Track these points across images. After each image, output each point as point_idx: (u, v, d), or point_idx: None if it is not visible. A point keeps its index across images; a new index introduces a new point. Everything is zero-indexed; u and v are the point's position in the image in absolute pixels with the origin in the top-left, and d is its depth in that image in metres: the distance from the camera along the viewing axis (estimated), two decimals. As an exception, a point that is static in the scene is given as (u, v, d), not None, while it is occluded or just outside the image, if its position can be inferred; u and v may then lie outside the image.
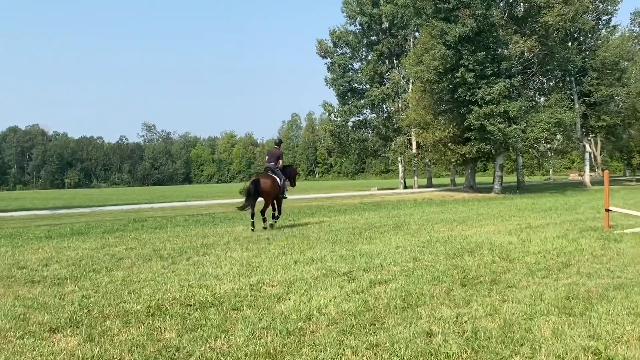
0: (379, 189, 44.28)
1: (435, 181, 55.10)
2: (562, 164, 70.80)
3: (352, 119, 46.57)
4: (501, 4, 31.38)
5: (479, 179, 50.87)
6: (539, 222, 13.16)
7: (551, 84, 37.99)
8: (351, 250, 8.95)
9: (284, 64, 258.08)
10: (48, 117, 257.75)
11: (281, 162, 14.02)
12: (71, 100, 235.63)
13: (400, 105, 43.96)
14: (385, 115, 45.92)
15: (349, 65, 46.09)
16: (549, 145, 36.02)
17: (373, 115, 46.40)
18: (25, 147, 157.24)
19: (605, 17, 39.94)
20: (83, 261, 8.60)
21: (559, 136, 33.33)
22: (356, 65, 46.40)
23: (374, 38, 44.54)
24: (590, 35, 39.18)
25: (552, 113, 29.56)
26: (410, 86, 41.29)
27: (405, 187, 45.32)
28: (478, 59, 27.87)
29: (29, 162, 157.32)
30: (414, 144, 42.42)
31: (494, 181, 33.32)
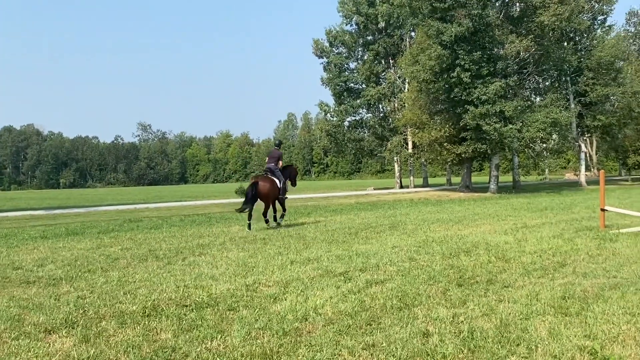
0: (375, 189, 44.33)
1: (431, 181, 55.19)
2: (558, 164, 70.94)
3: (348, 118, 46.67)
4: (497, 4, 31.45)
5: (475, 178, 50.99)
6: (535, 221, 13.19)
7: (547, 83, 38.17)
8: (347, 250, 8.95)
9: (280, 63, 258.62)
10: (43, 117, 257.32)
11: (281, 162, 14.13)
12: (66, 100, 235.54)
13: (396, 105, 44.01)
14: (381, 115, 45.96)
15: (345, 65, 46.13)
16: (544, 145, 36.06)
17: (369, 115, 46.41)
18: (20, 147, 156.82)
19: (600, 17, 40.06)
20: (78, 261, 8.58)
21: (554, 136, 33.37)
22: (352, 65, 46.47)
23: (370, 38, 44.57)
24: (585, 35, 39.30)
25: (548, 113, 29.61)
26: (406, 86, 41.31)
27: (402, 186, 45.37)
28: (474, 59, 27.91)
29: (23, 162, 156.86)
30: (410, 144, 42.47)
31: (489, 181, 33.38)
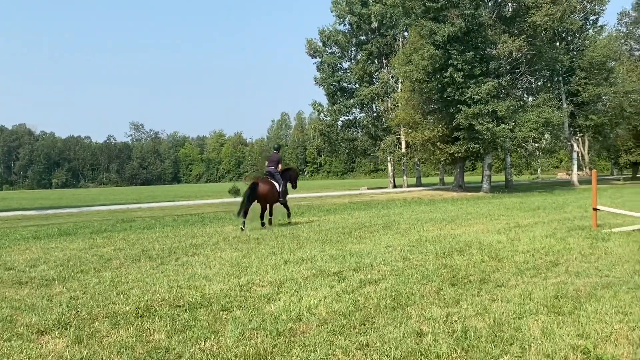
0: (368, 189, 44.41)
1: (424, 180, 55.32)
2: (550, 163, 71.24)
3: (342, 118, 46.76)
4: (490, 4, 31.59)
5: (468, 178, 51.19)
6: (528, 221, 13.24)
7: (539, 83, 38.36)
8: (341, 250, 8.95)
9: (273, 63, 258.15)
10: (35, 117, 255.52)
11: (281, 166, 14.25)
12: (58, 99, 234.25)
13: (389, 104, 44.10)
14: (375, 114, 46.06)
15: (338, 65, 46.21)
16: (537, 145, 36.22)
17: (362, 115, 46.52)
18: (12, 146, 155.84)
19: (592, 17, 40.33)
20: (71, 262, 8.53)
21: (547, 135, 33.53)
22: (345, 65, 46.58)
23: (363, 38, 44.65)
24: (577, 35, 39.54)
25: (540, 112, 29.75)
26: (400, 86, 41.38)
27: (395, 186, 45.47)
28: (467, 59, 28.00)
29: (15, 162, 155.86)
30: (403, 144, 42.56)
31: (482, 180, 33.49)
